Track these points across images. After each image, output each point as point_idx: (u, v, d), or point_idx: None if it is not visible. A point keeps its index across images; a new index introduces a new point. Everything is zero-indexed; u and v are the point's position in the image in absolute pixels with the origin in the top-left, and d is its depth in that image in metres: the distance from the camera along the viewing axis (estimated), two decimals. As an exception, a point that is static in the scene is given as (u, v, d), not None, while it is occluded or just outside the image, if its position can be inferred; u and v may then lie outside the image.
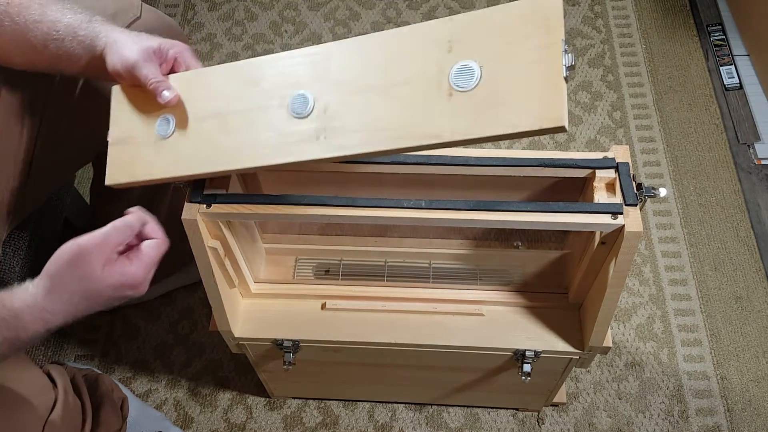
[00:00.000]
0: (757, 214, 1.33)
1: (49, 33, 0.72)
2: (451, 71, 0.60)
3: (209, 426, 1.15)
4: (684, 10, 1.61)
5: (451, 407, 1.15)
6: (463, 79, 0.59)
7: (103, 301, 0.64)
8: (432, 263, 0.92)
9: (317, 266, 0.94)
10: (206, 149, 0.68)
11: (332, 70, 0.66)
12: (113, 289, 0.63)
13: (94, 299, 0.63)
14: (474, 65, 0.59)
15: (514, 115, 0.57)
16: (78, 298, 0.62)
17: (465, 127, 0.58)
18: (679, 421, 1.13)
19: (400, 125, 0.61)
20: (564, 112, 0.55)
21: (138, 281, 0.64)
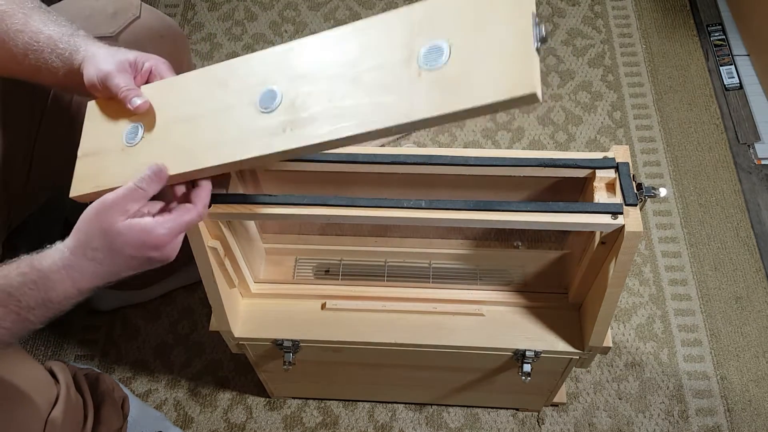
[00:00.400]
0: (758, 214, 1.33)
1: (30, 43, 0.71)
2: (419, 53, 0.59)
3: (209, 426, 1.15)
4: (684, 10, 1.61)
5: (451, 407, 1.15)
6: (432, 59, 0.58)
7: (127, 260, 0.62)
8: (432, 263, 0.92)
9: (317, 266, 0.94)
10: (172, 153, 0.67)
11: (300, 64, 0.65)
12: (134, 246, 0.61)
13: (117, 257, 0.62)
14: (443, 44, 0.58)
15: (485, 88, 0.55)
16: (102, 254, 0.61)
17: (435, 104, 0.57)
18: (679, 421, 1.13)
19: (369, 110, 0.60)
20: (535, 79, 0.53)
21: (160, 241, 0.62)
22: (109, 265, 0.62)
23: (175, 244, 0.64)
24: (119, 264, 0.62)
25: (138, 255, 0.62)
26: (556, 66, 1.54)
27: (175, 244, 0.64)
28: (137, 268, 0.64)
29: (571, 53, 1.56)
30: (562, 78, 1.52)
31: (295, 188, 0.81)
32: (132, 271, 0.64)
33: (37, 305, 0.62)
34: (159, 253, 0.63)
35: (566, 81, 1.52)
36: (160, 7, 1.67)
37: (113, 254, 0.61)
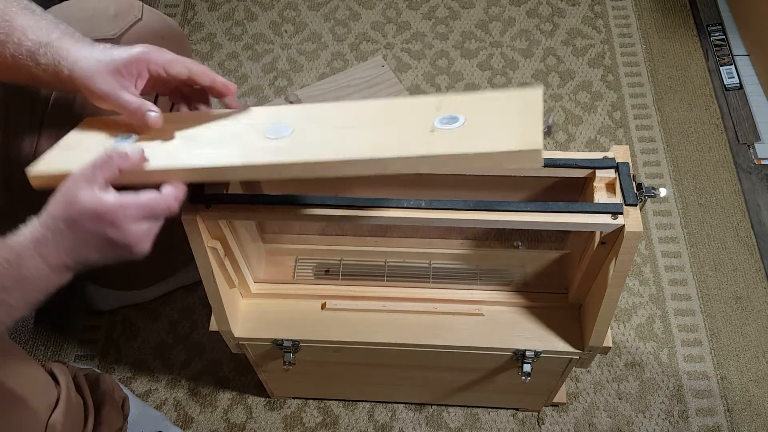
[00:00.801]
0: (757, 214, 1.33)
1: (16, 56, 0.70)
2: (436, 118, 0.63)
3: (209, 426, 1.15)
4: (684, 10, 1.62)
5: (451, 407, 1.15)
6: (447, 122, 0.62)
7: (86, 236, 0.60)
8: (432, 263, 0.92)
9: (317, 266, 0.94)
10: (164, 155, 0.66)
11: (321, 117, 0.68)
12: (90, 218, 0.59)
13: (75, 228, 0.60)
14: (459, 116, 0.62)
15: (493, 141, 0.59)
16: (62, 224, 0.60)
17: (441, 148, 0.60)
18: (679, 421, 1.13)
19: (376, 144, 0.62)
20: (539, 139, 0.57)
21: (116, 217, 0.60)
22: (71, 238, 0.61)
23: (137, 229, 0.62)
24: (80, 239, 0.61)
25: (96, 230, 0.60)
26: (556, 66, 1.54)
27: (137, 229, 0.62)
28: (100, 248, 0.62)
29: (571, 53, 1.56)
30: (562, 78, 1.52)
31: (295, 188, 0.81)
32: (96, 252, 0.62)
33: (12, 285, 0.60)
34: (118, 234, 0.61)
35: (566, 81, 1.52)
36: (160, 8, 1.67)
37: (72, 225, 0.60)
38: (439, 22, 1.63)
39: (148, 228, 0.63)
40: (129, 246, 0.62)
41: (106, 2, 0.86)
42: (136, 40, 0.85)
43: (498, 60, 1.55)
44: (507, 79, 1.52)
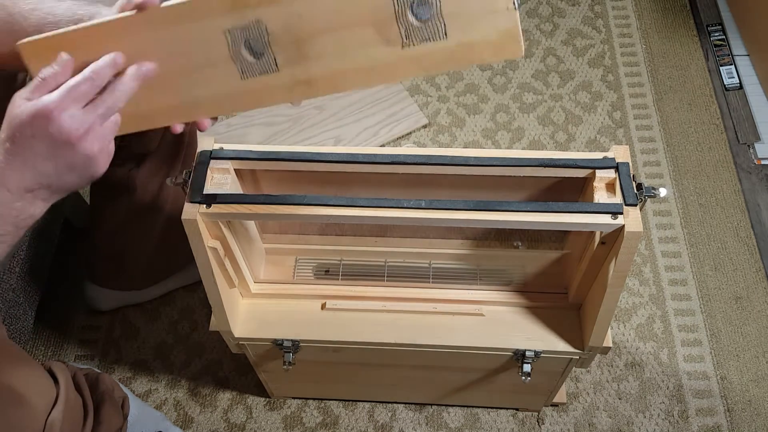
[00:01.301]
0: (757, 214, 1.33)
1: (45, 18, 0.68)
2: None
3: (209, 426, 1.15)
4: (684, 10, 1.61)
5: (451, 407, 1.15)
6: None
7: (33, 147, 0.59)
8: (432, 263, 0.92)
9: (317, 266, 0.94)
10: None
11: None
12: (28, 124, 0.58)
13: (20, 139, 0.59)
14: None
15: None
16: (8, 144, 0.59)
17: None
18: (679, 421, 1.13)
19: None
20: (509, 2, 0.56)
21: (48, 109, 0.58)
22: (19, 153, 0.60)
23: (71, 118, 0.59)
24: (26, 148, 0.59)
25: (35, 133, 0.59)
26: (556, 66, 1.54)
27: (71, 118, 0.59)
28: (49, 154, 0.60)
29: (571, 53, 1.56)
30: (562, 78, 1.52)
31: (295, 188, 0.81)
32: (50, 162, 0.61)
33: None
34: (55, 127, 0.59)
35: (566, 81, 1.52)
36: (160, 7, 1.67)
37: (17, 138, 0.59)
38: (439, 22, 1.62)
39: (88, 119, 0.60)
40: (72, 142, 0.60)
41: None
42: None
43: (498, 60, 1.55)
44: (507, 79, 1.52)
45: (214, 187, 0.74)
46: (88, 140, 0.61)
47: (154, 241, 1.11)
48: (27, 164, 0.60)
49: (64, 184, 0.63)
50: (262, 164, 0.77)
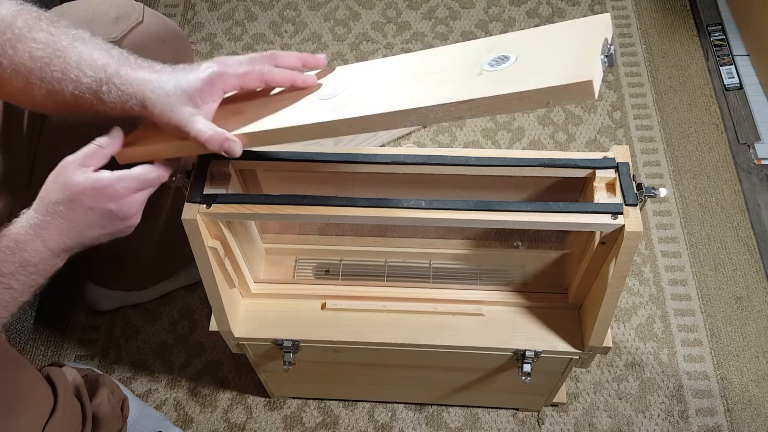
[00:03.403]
0: (758, 214, 1.33)
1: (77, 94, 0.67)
2: (485, 60, 0.61)
3: (209, 426, 1.15)
4: (684, 10, 1.61)
5: (451, 407, 1.15)
6: (496, 63, 0.59)
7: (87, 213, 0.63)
8: (432, 263, 0.92)
9: (317, 266, 0.94)
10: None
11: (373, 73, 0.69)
12: (90, 197, 0.63)
13: (75, 208, 0.63)
14: (510, 55, 0.60)
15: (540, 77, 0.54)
16: (63, 207, 0.63)
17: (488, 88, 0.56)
18: (679, 421, 1.13)
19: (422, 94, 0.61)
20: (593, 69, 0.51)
21: (115, 191, 0.63)
22: (71, 219, 0.63)
23: (134, 199, 0.65)
24: (81, 217, 0.64)
25: (96, 207, 0.63)
26: (556, 66, 1.54)
27: (134, 199, 0.65)
28: (100, 224, 0.65)
29: (571, 53, 1.56)
30: (562, 78, 1.52)
31: (295, 188, 0.81)
32: (96, 229, 0.65)
33: (15, 270, 0.63)
34: (117, 206, 0.64)
35: (566, 81, 1.52)
36: (160, 8, 1.67)
37: (72, 206, 0.63)
38: (439, 22, 1.63)
39: (142, 198, 0.66)
40: (126, 218, 0.65)
41: (106, 4, 0.86)
42: (137, 43, 0.85)
43: (498, 60, 1.55)
44: (507, 79, 1.52)
45: (213, 187, 0.74)
46: (137, 215, 0.67)
47: (154, 241, 1.11)
48: (75, 229, 0.64)
49: (96, 243, 0.67)
50: (262, 164, 0.77)
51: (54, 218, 0.63)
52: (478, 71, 0.60)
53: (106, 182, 0.63)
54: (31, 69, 0.66)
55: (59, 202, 0.63)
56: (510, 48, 0.61)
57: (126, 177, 0.64)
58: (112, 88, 0.65)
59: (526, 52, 0.59)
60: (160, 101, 0.65)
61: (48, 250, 0.64)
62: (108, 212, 0.64)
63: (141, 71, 0.66)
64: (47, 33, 0.67)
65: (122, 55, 0.67)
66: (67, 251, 0.66)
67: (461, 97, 0.57)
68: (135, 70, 0.66)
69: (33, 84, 0.67)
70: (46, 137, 0.87)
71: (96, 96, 0.66)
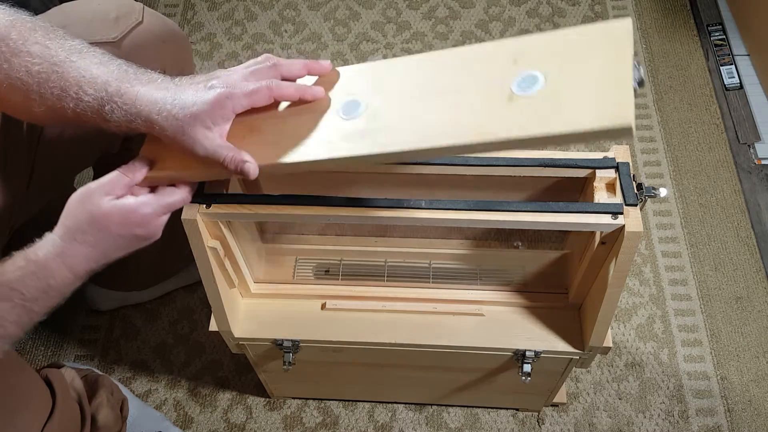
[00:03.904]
0: (758, 214, 1.33)
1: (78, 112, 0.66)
2: (513, 79, 0.59)
3: (209, 426, 1.15)
4: (684, 10, 1.61)
5: (451, 407, 1.15)
6: (526, 86, 0.59)
7: (115, 240, 0.65)
8: (432, 263, 0.92)
9: (317, 266, 0.93)
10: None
11: (389, 81, 0.67)
12: (120, 224, 0.64)
13: (105, 237, 0.64)
14: (538, 75, 0.59)
15: (578, 116, 0.55)
16: (92, 237, 0.64)
17: (523, 124, 0.56)
18: (679, 422, 1.13)
19: (452, 124, 0.60)
20: (630, 113, 0.53)
21: (143, 219, 0.65)
22: (100, 247, 0.65)
23: (159, 222, 0.67)
24: (109, 244, 0.65)
25: (125, 233, 0.65)
26: (556, 66, 1.54)
27: (159, 222, 0.67)
28: (126, 247, 0.67)
29: (571, 53, 1.56)
30: (562, 78, 1.52)
31: (295, 188, 0.81)
32: (122, 251, 0.67)
33: (39, 295, 0.64)
34: (144, 231, 0.66)
35: (566, 81, 1.52)
36: (160, 8, 1.67)
37: (102, 235, 0.64)
38: (439, 21, 1.63)
39: (165, 219, 0.68)
40: (151, 238, 0.67)
41: (106, 5, 0.86)
42: (137, 43, 0.85)
43: (498, 60, 1.55)
44: (507, 79, 1.52)
45: (213, 187, 0.74)
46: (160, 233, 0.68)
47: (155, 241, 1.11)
48: (102, 254, 0.66)
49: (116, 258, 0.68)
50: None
51: (83, 246, 0.64)
52: (508, 94, 0.59)
53: (132, 209, 0.64)
54: (29, 84, 0.65)
55: (87, 231, 0.64)
56: (535, 62, 0.60)
57: (152, 203, 0.66)
58: (115, 108, 0.63)
59: (553, 70, 0.58)
60: (170, 125, 0.63)
61: (73, 275, 0.65)
62: (135, 237, 0.66)
63: (142, 87, 0.64)
64: (43, 46, 0.65)
65: (121, 69, 0.65)
66: (91, 273, 0.67)
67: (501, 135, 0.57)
68: (135, 86, 0.64)
69: (32, 100, 0.66)
70: (46, 138, 0.87)
71: (99, 115, 0.64)
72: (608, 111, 0.54)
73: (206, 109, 0.63)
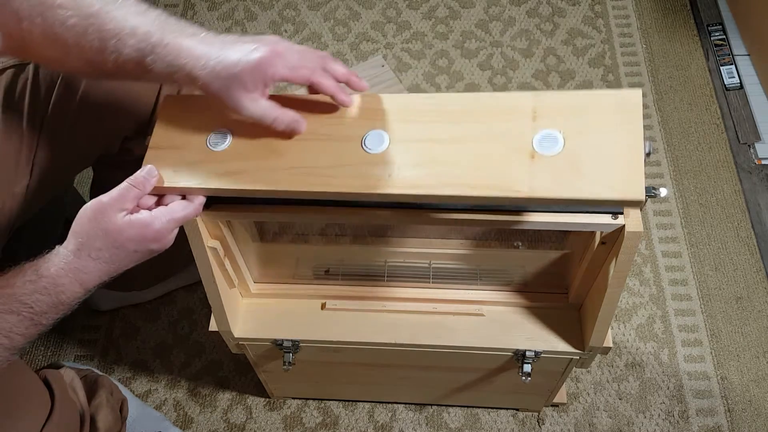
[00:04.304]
0: (758, 214, 1.33)
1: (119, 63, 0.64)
2: (534, 136, 0.65)
3: (209, 426, 1.15)
4: (684, 10, 1.61)
5: (451, 407, 1.15)
6: (547, 146, 0.64)
7: (130, 255, 0.65)
8: (432, 263, 0.92)
9: (317, 266, 0.93)
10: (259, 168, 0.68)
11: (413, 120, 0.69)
12: (135, 241, 0.64)
13: (120, 252, 0.65)
14: (558, 135, 0.65)
15: (594, 184, 0.62)
16: (107, 253, 0.64)
17: (545, 187, 0.62)
18: (679, 422, 1.13)
19: (477, 175, 0.64)
20: (642, 188, 0.62)
21: (159, 234, 0.65)
22: (114, 262, 0.65)
23: (172, 236, 0.67)
24: (123, 259, 0.66)
25: (139, 248, 0.65)
26: (557, 66, 1.54)
27: (172, 236, 0.67)
28: (140, 259, 0.67)
29: (571, 53, 1.56)
30: (563, 78, 1.52)
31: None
32: (135, 263, 0.67)
33: (48, 309, 0.64)
34: (159, 245, 0.66)
35: (566, 81, 1.52)
36: (160, 7, 1.67)
37: (117, 251, 0.64)
38: (439, 21, 1.63)
39: (177, 230, 0.68)
40: (165, 248, 0.67)
41: None
42: None
43: (498, 60, 1.55)
44: (507, 79, 1.52)
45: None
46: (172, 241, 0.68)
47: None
48: (116, 268, 0.66)
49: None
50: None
51: (97, 263, 0.64)
52: (530, 152, 0.64)
53: (146, 223, 0.64)
54: (65, 38, 0.63)
55: (103, 248, 0.64)
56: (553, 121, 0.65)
57: (165, 217, 0.66)
58: (157, 58, 0.62)
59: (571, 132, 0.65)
60: (213, 82, 0.63)
61: (84, 290, 0.66)
62: (149, 251, 0.66)
63: (186, 40, 0.62)
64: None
65: (161, 19, 0.63)
66: (101, 286, 0.67)
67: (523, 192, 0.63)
68: (179, 37, 0.62)
69: (70, 53, 0.64)
70: (45, 140, 0.87)
71: (140, 65, 0.63)
72: (623, 183, 0.62)
73: (249, 70, 0.63)
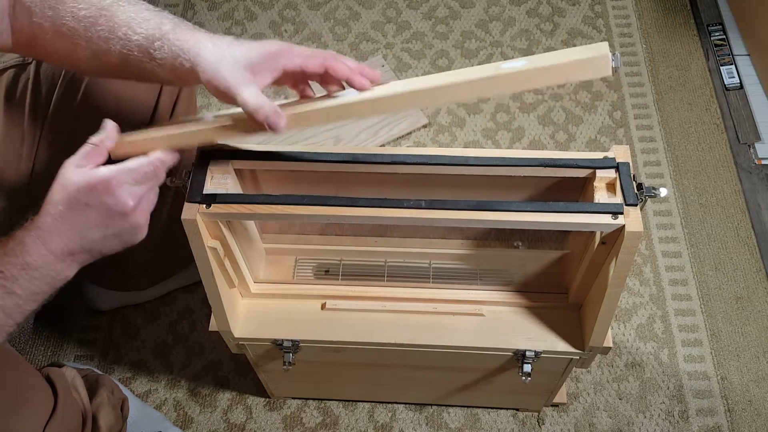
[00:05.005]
0: (758, 214, 1.33)
1: (125, 52, 0.66)
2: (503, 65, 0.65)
3: (209, 426, 1.15)
4: (684, 10, 1.61)
5: (451, 407, 1.15)
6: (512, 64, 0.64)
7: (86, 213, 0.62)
8: (432, 263, 0.92)
9: (317, 266, 0.93)
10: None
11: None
12: (86, 192, 0.62)
13: (74, 207, 0.62)
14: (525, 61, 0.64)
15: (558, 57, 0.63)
16: (62, 206, 0.62)
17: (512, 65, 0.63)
18: (679, 422, 1.13)
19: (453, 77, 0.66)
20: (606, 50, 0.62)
21: (107, 183, 0.62)
22: (71, 219, 0.62)
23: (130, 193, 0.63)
24: (79, 215, 0.62)
25: (92, 202, 0.62)
26: (557, 66, 1.54)
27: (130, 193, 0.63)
28: (101, 223, 0.63)
29: (571, 53, 1.56)
30: (563, 78, 1.52)
31: (295, 188, 0.81)
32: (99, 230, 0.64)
33: (18, 274, 0.62)
34: (113, 200, 0.62)
35: (566, 81, 1.51)
36: (160, 7, 1.67)
37: (71, 204, 0.62)
38: (439, 21, 1.63)
39: (140, 192, 0.64)
40: (125, 213, 0.63)
41: None
42: None
43: (498, 59, 1.55)
44: (507, 79, 1.52)
45: (213, 187, 0.74)
46: (138, 212, 0.64)
47: (154, 241, 1.10)
48: (75, 229, 0.63)
49: (104, 249, 0.66)
50: (262, 164, 0.77)
51: (54, 220, 0.62)
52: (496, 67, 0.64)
53: (100, 177, 0.62)
54: (75, 30, 0.65)
55: (58, 202, 0.62)
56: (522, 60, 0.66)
57: (119, 170, 0.63)
58: (165, 43, 0.64)
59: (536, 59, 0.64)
60: (215, 58, 0.63)
61: (50, 253, 0.63)
62: (106, 207, 0.62)
63: (198, 33, 0.65)
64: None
65: (176, 19, 0.67)
66: (72, 255, 0.64)
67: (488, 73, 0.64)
68: (191, 30, 0.65)
69: (78, 45, 0.66)
70: (46, 140, 0.87)
71: (146, 52, 0.64)
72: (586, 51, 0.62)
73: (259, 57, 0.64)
